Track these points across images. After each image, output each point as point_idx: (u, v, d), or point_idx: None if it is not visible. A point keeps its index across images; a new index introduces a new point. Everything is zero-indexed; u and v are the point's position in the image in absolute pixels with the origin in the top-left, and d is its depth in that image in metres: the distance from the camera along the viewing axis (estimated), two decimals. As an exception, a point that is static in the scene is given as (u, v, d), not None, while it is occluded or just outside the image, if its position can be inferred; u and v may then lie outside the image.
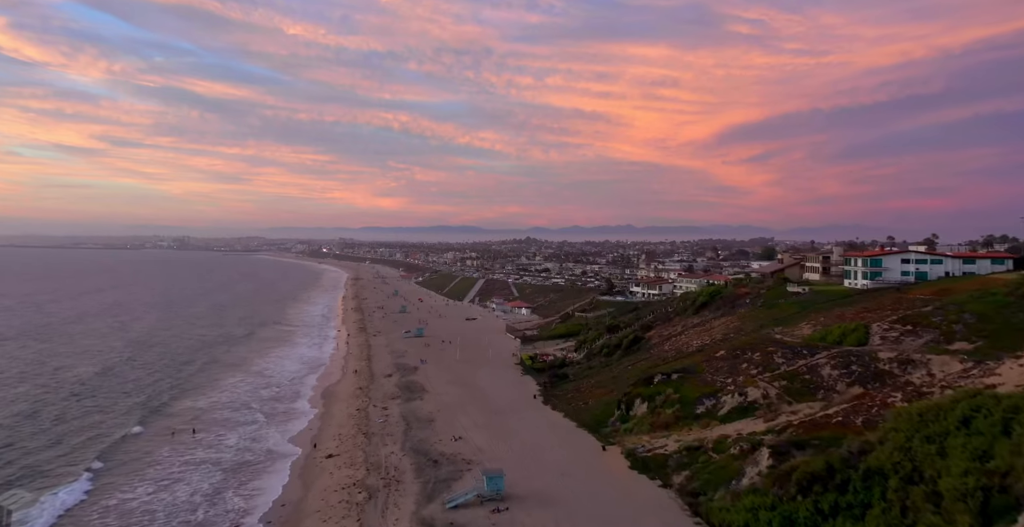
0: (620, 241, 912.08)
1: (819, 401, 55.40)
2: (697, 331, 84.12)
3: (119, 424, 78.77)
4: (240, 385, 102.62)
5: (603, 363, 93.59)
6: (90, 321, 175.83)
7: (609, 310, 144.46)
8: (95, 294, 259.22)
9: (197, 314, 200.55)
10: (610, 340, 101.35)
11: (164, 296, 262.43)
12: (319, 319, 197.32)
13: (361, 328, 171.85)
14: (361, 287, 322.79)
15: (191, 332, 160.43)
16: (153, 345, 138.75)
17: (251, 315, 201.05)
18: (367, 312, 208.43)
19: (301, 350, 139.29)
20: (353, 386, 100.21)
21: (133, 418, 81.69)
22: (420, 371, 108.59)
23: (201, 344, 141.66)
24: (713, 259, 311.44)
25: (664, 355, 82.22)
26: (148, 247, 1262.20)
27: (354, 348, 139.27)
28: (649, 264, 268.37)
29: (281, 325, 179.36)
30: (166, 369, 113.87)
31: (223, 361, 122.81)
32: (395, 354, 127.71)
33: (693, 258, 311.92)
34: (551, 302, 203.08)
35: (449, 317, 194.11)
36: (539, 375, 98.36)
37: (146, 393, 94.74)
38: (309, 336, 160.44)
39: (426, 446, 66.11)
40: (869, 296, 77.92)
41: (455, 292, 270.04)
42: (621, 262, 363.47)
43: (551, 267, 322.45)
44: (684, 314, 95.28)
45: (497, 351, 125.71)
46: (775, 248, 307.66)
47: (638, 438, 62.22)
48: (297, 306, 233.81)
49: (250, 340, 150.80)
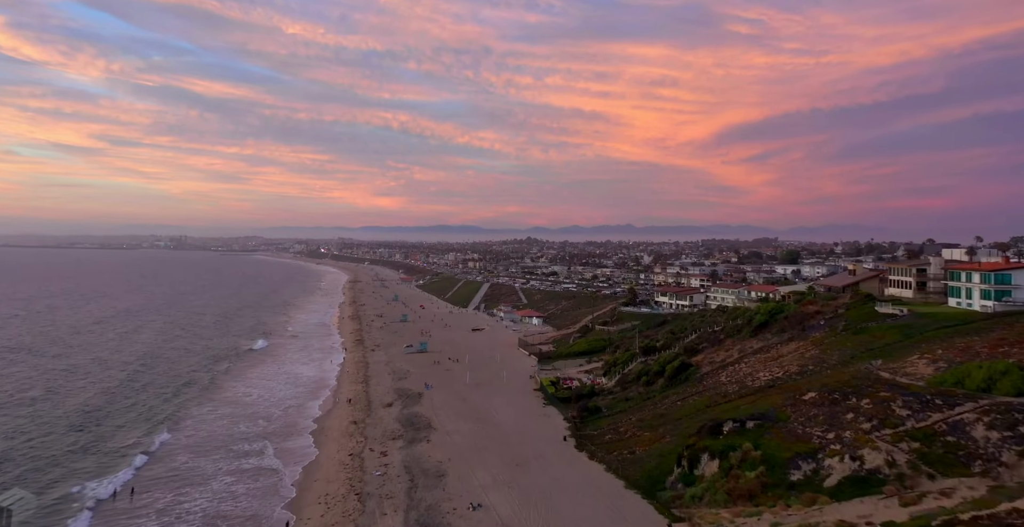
0: (622, 241, 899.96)
1: (978, 476, 40.65)
2: (761, 359, 69.51)
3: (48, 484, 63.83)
4: (214, 421, 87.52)
5: (643, 394, 78.86)
6: (67, 340, 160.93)
7: (634, 323, 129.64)
8: (72, 302, 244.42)
9: (182, 323, 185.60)
10: (648, 365, 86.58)
11: (144, 305, 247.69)
12: (313, 329, 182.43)
13: (358, 340, 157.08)
14: (359, 291, 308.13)
15: (168, 347, 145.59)
16: (111, 368, 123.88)
17: (241, 325, 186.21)
18: (365, 321, 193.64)
19: (292, 367, 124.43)
20: (346, 419, 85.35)
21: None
22: (425, 398, 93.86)
23: (178, 358, 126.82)
24: (729, 262, 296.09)
25: (722, 389, 67.46)
26: (145, 247, 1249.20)
27: (350, 366, 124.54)
28: (664, 268, 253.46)
29: (272, 337, 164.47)
30: (119, 401, 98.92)
31: (198, 383, 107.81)
32: (396, 375, 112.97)
33: (713, 263, 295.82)
34: (564, 311, 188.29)
35: (454, 327, 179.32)
36: (565, 406, 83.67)
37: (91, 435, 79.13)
38: (301, 350, 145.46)
39: (436, 519, 51.33)
40: (1002, 322, 62.23)
41: (459, 298, 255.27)
42: (631, 265, 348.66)
43: (558, 270, 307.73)
44: (737, 335, 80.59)
45: (512, 371, 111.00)
46: (798, 251, 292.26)
47: (715, 514, 47.41)
48: (291, 314, 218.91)
49: (236, 356, 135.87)
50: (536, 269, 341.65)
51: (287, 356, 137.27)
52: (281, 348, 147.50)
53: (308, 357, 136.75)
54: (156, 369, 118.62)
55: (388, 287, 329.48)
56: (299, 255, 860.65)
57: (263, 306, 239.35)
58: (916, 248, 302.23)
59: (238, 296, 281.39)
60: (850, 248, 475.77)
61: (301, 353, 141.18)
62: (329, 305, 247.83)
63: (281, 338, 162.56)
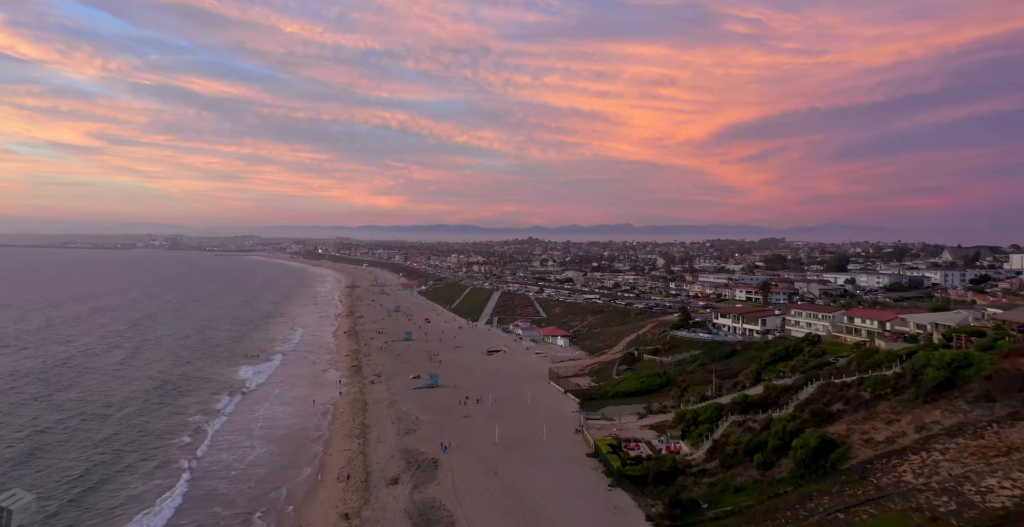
0: (626, 241, 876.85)
1: None
2: (973, 450, 45.07)
3: None
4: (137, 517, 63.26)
5: (759, 484, 54.76)
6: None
7: (693, 353, 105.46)
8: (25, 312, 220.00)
9: (154, 341, 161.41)
10: (755, 432, 62.31)
11: (117, 317, 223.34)
12: (303, 350, 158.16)
13: (355, 366, 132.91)
14: (357, 298, 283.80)
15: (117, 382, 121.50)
16: (53, 408, 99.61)
17: (223, 342, 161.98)
18: (363, 338, 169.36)
19: (271, 408, 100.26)
20: (334, 510, 61.06)
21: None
22: (442, 469, 69.68)
23: (124, 401, 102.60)
24: (766, 269, 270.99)
25: (922, 502, 43.01)
26: (140, 246, 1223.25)
27: (345, 407, 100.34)
28: (696, 276, 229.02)
29: (257, 361, 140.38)
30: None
31: (144, 445, 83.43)
32: (402, 423, 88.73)
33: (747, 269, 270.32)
34: (591, 328, 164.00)
35: (467, 348, 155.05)
36: (639, 490, 59.66)
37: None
38: (287, 381, 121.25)
39: None
40: None
41: (467, 308, 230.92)
42: (647, 269, 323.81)
43: (574, 277, 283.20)
44: (894, 397, 56.16)
45: (550, 419, 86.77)
46: (847, 256, 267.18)
47: None
48: (280, 328, 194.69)
49: (201, 388, 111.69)
50: (548, 274, 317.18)
51: (267, 391, 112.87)
52: (263, 377, 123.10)
53: (293, 391, 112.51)
54: (79, 426, 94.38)
55: (388, 294, 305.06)
56: (296, 256, 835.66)
57: (253, 318, 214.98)
58: (971, 252, 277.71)
59: (225, 305, 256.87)
60: (871, 249, 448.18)
61: (285, 386, 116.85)
62: (323, 317, 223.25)
63: (265, 362, 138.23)
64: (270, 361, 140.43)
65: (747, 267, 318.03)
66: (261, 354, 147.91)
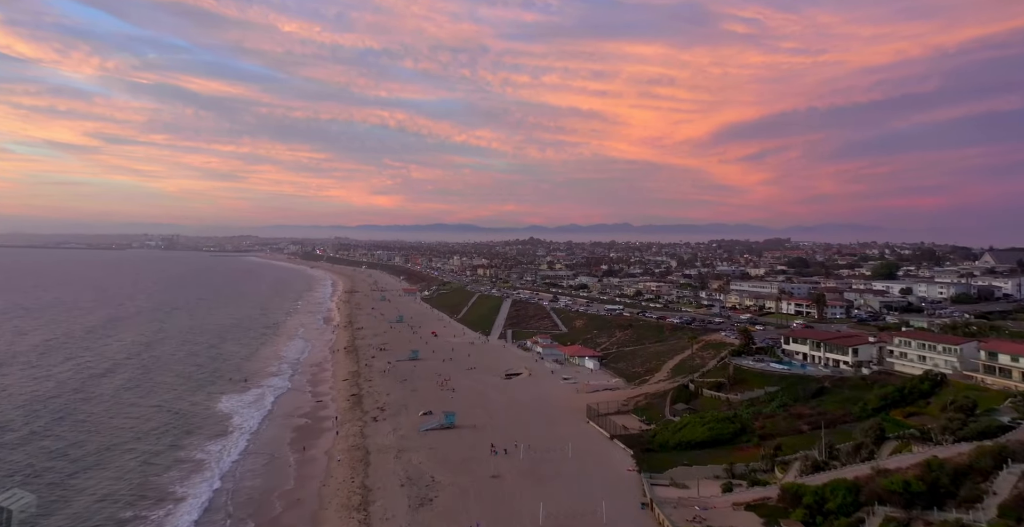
0: (629, 242, 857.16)
1: None
2: None
3: None
4: None
5: None
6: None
7: (769, 390, 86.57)
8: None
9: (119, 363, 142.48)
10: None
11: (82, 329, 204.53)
12: (295, 372, 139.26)
13: (354, 396, 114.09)
14: (356, 306, 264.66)
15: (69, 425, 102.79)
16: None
17: (200, 365, 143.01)
18: (364, 357, 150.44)
19: (249, 465, 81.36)
20: None
21: None
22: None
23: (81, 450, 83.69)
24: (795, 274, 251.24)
25: None
26: (135, 246, 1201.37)
27: (342, 457, 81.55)
28: (726, 283, 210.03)
29: (242, 389, 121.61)
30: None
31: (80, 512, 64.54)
32: (414, 489, 69.79)
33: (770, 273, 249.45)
34: (620, 346, 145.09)
35: (481, 369, 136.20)
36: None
37: None
38: (273, 419, 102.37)
39: None
40: None
41: (476, 318, 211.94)
42: (657, 272, 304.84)
43: (588, 283, 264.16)
44: None
45: (603, 482, 67.92)
46: (896, 262, 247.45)
47: None
48: (272, 344, 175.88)
49: (165, 432, 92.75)
50: (559, 280, 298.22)
51: (250, 431, 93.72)
52: (244, 409, 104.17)
53: (280, 432, 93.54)
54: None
55: (389, 300, 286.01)
56: (293, 256, 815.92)
57: (241, 330, 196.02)
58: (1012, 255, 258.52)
59: (212, 314, 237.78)
60: (886, 251, 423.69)
61: (273, 423, 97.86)
62: (319, 330, 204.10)
63: (252, 389, 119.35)
64: (259, 387, 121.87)
65: (769, 271, 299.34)
66: (250, 378, 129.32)
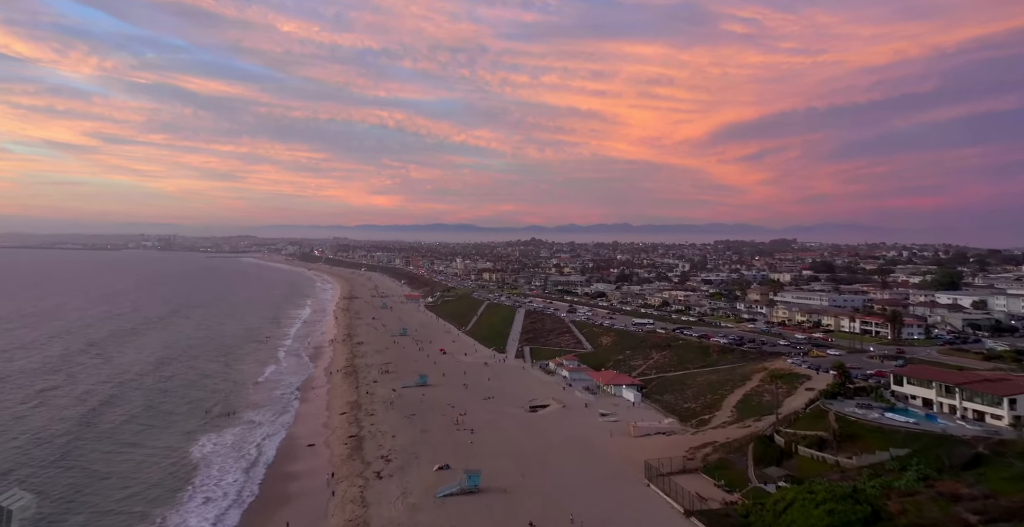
0: (632, 242, 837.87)
1: None
2: None
3: None
4: None
5: None
6: None
7: (895, 452, 66.96)
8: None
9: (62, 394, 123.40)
10: None
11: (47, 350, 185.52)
12: (283, 404, 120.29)
13: (353, 438, 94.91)
14: (356, 314, 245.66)
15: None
16: None
17: (173, 393, 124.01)
18: (364, 382, 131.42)
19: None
20: None
21: None
22: None
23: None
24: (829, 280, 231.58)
25: None
26: (131, 247, 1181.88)
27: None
28: (767, 293, 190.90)
29: (222, 427, 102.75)
30: None
31: None
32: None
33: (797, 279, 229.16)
34: (660, 371, 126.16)
35: (501, 398, 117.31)
36: None
37: None
38: (259, 467, 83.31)
39: None
40: None
41: (486, 331, 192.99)
42: (667, 274, 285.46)
43: (606, 291, 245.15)
44: None
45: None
46: (957, 271, 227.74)
47: None
48: (263, 361, 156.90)
49: (126, 497, 73.77)
50: (572, 286, 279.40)
51: (225, 497, 74.65)
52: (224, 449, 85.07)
53: (259, 501, 74.43)
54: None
55: (391, 308, 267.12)
56: (291, 257, 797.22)
57: (224, 349, 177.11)
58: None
59: (196, 325, 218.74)
60: (904, 253, 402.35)
61: (258, 479, 78.78)
62: (315, 347, 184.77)
63: (233, 427, 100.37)
64: (240, 425, 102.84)
65: (797, 277, 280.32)
66: (232, 412, 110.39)
